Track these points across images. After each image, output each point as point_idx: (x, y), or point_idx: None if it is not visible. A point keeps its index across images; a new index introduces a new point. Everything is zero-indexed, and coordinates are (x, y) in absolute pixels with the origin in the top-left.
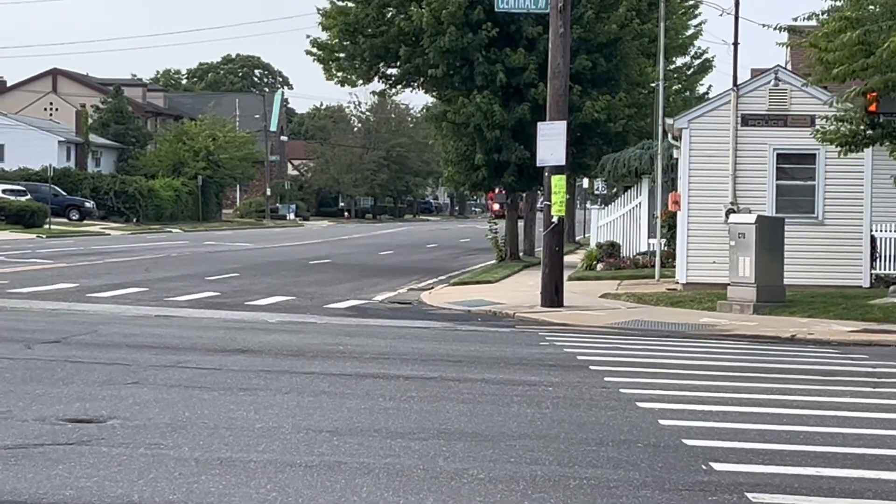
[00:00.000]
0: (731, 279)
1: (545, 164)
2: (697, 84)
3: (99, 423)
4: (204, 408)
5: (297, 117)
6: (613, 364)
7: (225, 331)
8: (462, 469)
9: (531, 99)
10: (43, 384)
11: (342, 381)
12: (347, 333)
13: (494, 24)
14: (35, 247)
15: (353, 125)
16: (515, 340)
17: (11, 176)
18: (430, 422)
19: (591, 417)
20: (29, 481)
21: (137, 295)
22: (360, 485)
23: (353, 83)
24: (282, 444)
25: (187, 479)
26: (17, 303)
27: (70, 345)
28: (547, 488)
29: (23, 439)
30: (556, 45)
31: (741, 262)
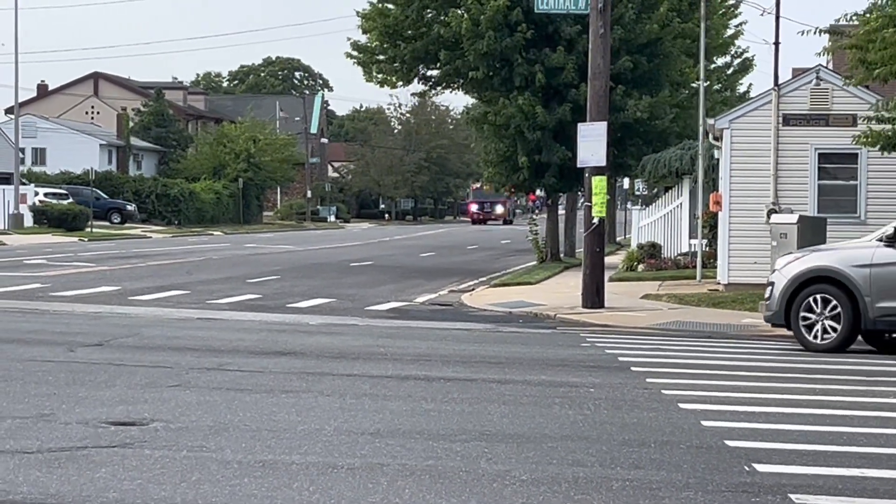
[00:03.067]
0: None
1: (586, 164)
2: (738, 84)
3: (142, 426)
4: (246, 410)
5: (338, 119)
6: (655, 365)
7: (266, 333)
8: (504, 471)
9: (572, 99)
10: (86, 387)
11: (384, 383)
12: (389, 335)
13: (533, 24)
14: (77, 250)
15: (394, 127)
16: (557, 342)
17: (53, 179)
18: (472, 424)
19: (634, 419)
20: (72, 484)
21: (179, 298)
22: (402, 487)
23: (393, 85)
24: (324, 446)
25: (230, 482)
26: (60, 306)
27: (112, 348)
28: (589, 490)
29: (66, 442)
30: (597, 46)
31: None
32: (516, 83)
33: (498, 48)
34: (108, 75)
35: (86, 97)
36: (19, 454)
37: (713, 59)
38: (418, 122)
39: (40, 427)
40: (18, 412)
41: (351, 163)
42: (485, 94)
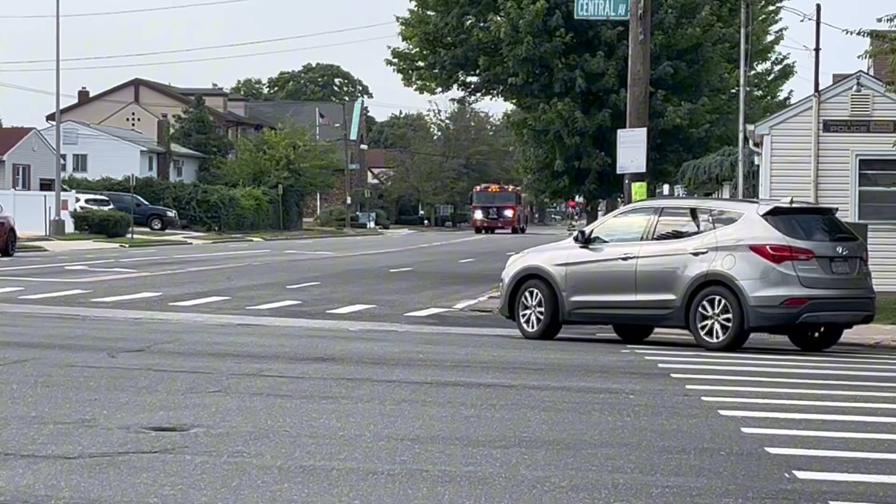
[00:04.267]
0: None
1: (626, 171)
2: (778, 90)
3: (182, 432)
4: (286, 416)
5: (377, 126)
6: (695, 372)
7: (306, 339)
8: (544, 477)
9: (611, 105)
10: (127, 392)
11: (423, 390)
12: (428, 341)
13: (572, 30)
14: (118, 256)
15: (433, 133)
16: (596, 348)
17: (94, 186)
18: (512, 430)
19: (673, 425)
20: (114, 489)
21: (219, 304)
22: (442, 493)
23: (433, 91)
24: (364, 452)
25: (270, 487)
26: (101, 312)
27: (153, 353)
28: (629, 496)
29: (107, 447)
30: (636, 52)
31: None
32: (556, 89)
33: (537, 53)
34: (149, 82)
35: (126, 104)
36: (61, 459)
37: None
38: (458, 129)
39: (82, 432)
40: (60, 417)
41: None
42: (524, 99)
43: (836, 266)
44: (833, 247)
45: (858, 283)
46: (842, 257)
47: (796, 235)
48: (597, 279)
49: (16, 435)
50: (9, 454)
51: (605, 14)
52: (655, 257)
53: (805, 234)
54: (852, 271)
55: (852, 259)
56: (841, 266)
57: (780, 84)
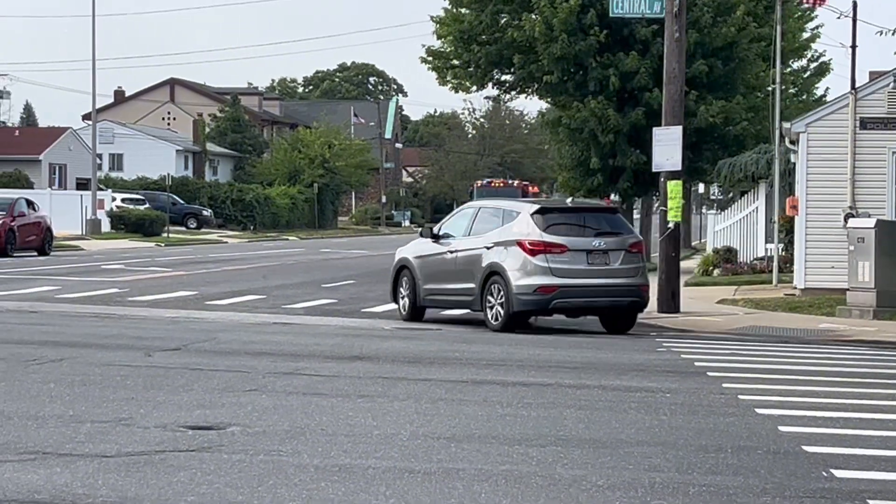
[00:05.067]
0: (851, 284)
1: (661, 169)
2: (814, 87)
3: (219, 430)
4: (322, 414)
5: (412, 124)
6: (731, 370)
7: (342, 338)
8: (580, 476)
9: (646, 103)
10: (164, 391)
11: (459, 388)
12: (464, 340)
13: (607, 28)
14: (154, 255)
15: (468, 132)
16: (632, 347)
17: (130, 185)
18: (548, 428)
19: (710, 424)
20: (151, 487)
21: (255, 302)
22: (478, 491)
23: (467, 89)
24: (400, 451)
25: (307, 486)
26: (138, 311)
27: (190, 352)
28: (666, 495)
29: (145, 446)
30: (672, 50)
31: (861, 266)
32: (590, 87)
33: (572, 52)
34: (184, 81)
35: (162, 103)
36: (98, 458)
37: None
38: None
39: (119, 431)
40: (97, 416)
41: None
42: (559, 98)
43: (592, 258)
44: (590, 242)
45: (620, 273)
46: (600, 250)
47: (555, 232)
48: (435, 270)
49: (53, 434)
50: (46, 453)
51: (641, 12)
52: (466, 251)
53: (565, 231)
54: (613, 263)
55: (614, 252)
56: (599, 258)
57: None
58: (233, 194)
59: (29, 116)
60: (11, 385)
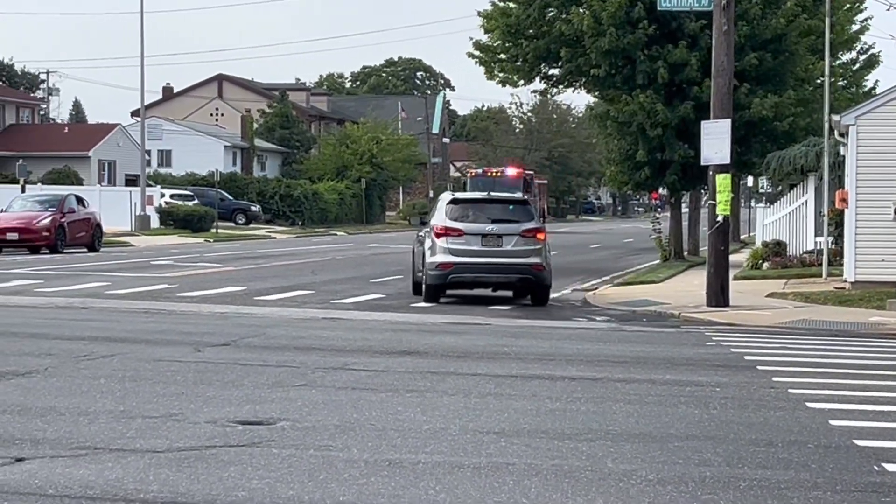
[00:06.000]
0: None
1: (710, 162)
2: (863, 80)
3: (269, 425)
4: (372, 409)
5: (460, 119)
6: (781, 364)
7: (391, 333)
8: (630, 470)
9: (694, 97)
10: (213, 387)
11: (508, 383)
12: (512, 335)
13: (655, 21)
14: (203, 251)
15: (515, 126)
16: (681, 341)
17: (179, 181)
18: (597, 423)
19: (760, 418)
20: (202, 483)
21: (304, 297)
22: (528, 486)
23: (515, 83)
24: (449, 446)
25: (357, 481)
26: (187, 306)
27: (239, 347)
28: (716, 489)
29: (195, 441)
30: (720, 43)
31: None
32: (638, 80)
33: (620, 45)
34: (232, 77)
35: (210, 99)
36: (149, 453)
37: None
38: (540, 121)
39: (169, 426)
40: (148, 412)
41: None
42: (606, 91)
43: (486, 241)
44: (485, 227)
45: (511, 254)
46: (494, 234)
47: (459, 218)
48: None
49: (104, 429)
50: (98, 448)
51: (689, 5)
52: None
53: (470, 218)
54: (505, 245)
55: (507, 236)
56: (492, 241)
57: (866, 74)
58: (281, 190)
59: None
60: (63, 381)
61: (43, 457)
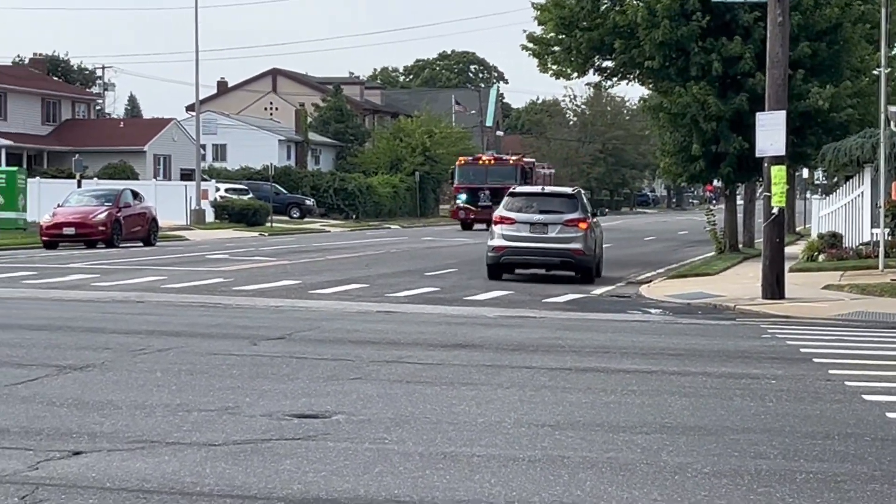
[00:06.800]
0: None
1: (764, 154)
2: None
3: (324, 419)
4: (426, 402)
5: (514, 112)
6: (838, 356)
7: (445, 326)
8: (686, 463)
9: (749, 89)
10: (269, 380)
11: (563, 376)
12: (567, 327)
13: (709, 13)
14: (258, 244)
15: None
16: (737, 333)
17: (234, 175)
18: (653, 416)
19: (816, 411)
20: (258, 476)
21: (358, 291)
22: (583, 479)
23: (568, 76)
24: (504, 439)
25: (412, 474)
26: (243, 300)
27: (294, 341)
28: (772, 482)
29: (251, 434)
30: (775, 35)
31: None
32: (692, 72)
33: (674, 37)
34: (286, 71)
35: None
36: (206, 447)
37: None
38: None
39: (225, 420)
40: (204, 405)
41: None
42: (660, 83)
43: (533, 229)
44: (533, 217)
45: (554, 240)
46: (541, 223)
47: (513, 209)
48: None
49: (161, 422)
50: (154, 441)
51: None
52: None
53: (522, 208)
54: (550, 232)
55: (552, 225)
56: (539, 229)
57: None
58: (335, 183)
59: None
60: (119, 374)
61: (100, 450)
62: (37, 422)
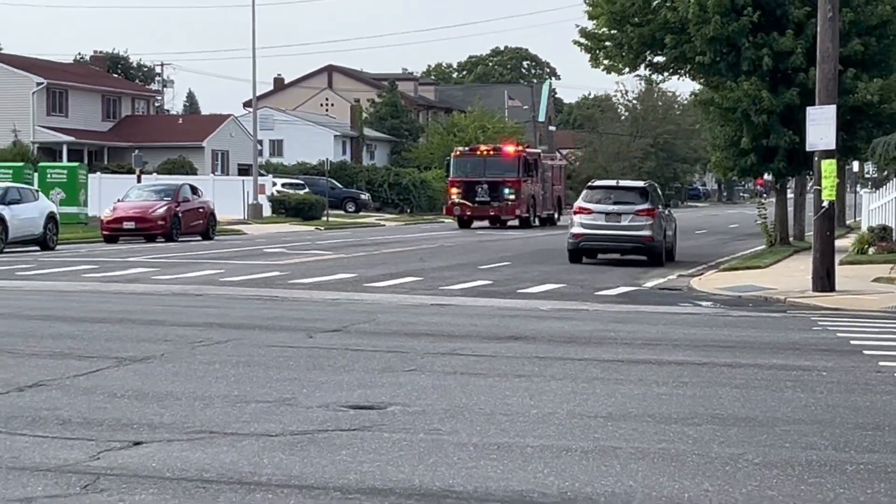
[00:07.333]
0: None
1: (815, 148)
2: None
3: (379, 410)
4: (480, 394)
5: (566, 107)
6: (888, 349)
7: (498, 318)
8: (737, 454)
9: (799, 84)
10: (325, 372)
11: (615, 367)
12: (618, 320)
13: (759, 9)
14: (314, 238)
15: (620, 114)
16: (787, 325)
17: (290, 170)
18: (704, 407)
19: (867, 402)
20: (314, 465)
21: (412, 284)
22: (635, 469)
23: (619, 71)
24: (557, 430)
25: (466, 464)
26: (299, 293)
27: (350, 333)
28: (823, 473)
29: (307, 425)
30: (825, 30)
31: None
32: (743, 67)
33: (725, 32)
34: (342, 68)
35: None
36: (263, 437)
37: None
38: (645, 108)
39: (283, 411)
40: (262, 396)
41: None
42: (711, 78)
43: (609, 218)
44: (608, 207)
45: (627, 228)
46: (615, 213)
47: (591, 201)
48: None
49: (219, 413)
50: (213, 432)
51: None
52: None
53: (598, 200)
54: (623, 221)
55: (624, 214)
56: (613, 218)
57: None
58: (390, 178)
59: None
60: (179, 366)
61: (160, 440)
62: (98, 412)
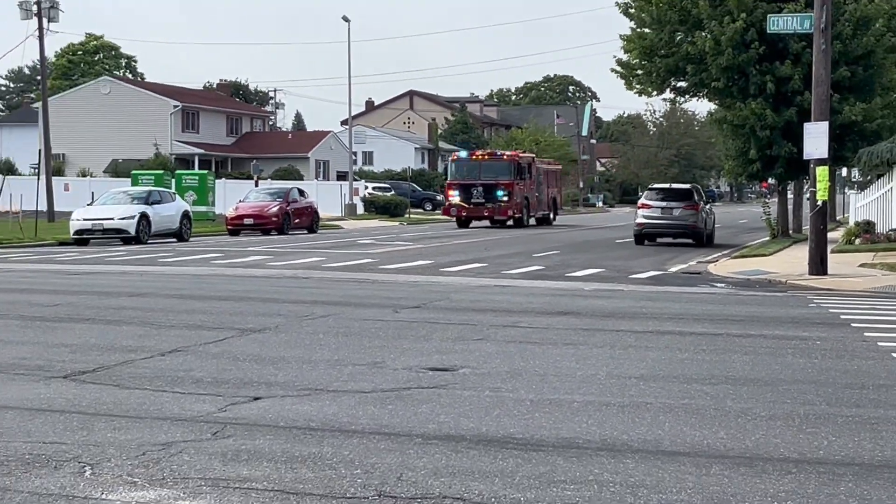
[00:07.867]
0: None
1: (810, 157)
2: None
3: (453, 372)
4: (535, 359)
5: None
6: (872, 322)
7: (550, 297)
8: (746, 408)
9: (797, 104)
10: (408, 340)
11: (646, 337)
12: (649, 298)
13: (765, 42)
14: (398, 232)
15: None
16: (787, 303)
17: (379, 176)
18: (719, 370)
19: (854, 366)
20: (400, 417)
21: (479, 269)
22: (662, 421)
23: (649, 94)
24: (598, 388)
25: (524, 416)
26: (387, 276)
27: (428, 309)
28: (818, 424)
29: (394, 384)
30: (819, 60)
31: None
32: (751, 91)
33: (736, 62)
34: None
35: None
36: (359, 394)
37: None
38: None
39: (374, 372)
40: (356, 360)
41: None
42: (724, 100)
43: (663, 212)
44: (662, 203)
45: (677, 218)
46: (668, 208)
47: (651, 198)
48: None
49: (323, 374)
50: (318, 389)
51: (793, 29)
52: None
53: (656, 198)
54: (674, 213)
55: (675, 208)
56: (667, 212)
57: None
58: None
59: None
60: (290, 336)
61: (274, 396)
62: (224, 373)
